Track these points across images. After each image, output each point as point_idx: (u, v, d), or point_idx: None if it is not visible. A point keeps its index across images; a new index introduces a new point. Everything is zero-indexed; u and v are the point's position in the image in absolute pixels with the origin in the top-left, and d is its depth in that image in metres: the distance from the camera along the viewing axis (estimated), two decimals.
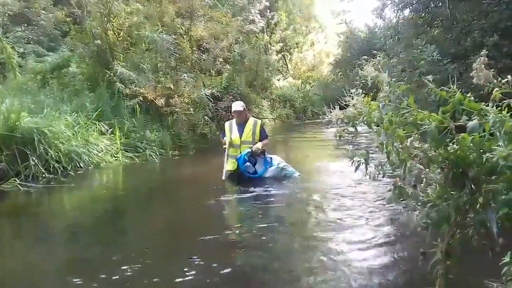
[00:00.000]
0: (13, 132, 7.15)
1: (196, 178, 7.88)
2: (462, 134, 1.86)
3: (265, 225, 4.72)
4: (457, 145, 1.91)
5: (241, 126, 7.07)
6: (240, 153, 6.85)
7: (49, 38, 14.29)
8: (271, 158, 7.11)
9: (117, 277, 3.31)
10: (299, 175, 7.08)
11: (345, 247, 3.87)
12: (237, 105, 7.18)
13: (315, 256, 3.69)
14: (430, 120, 1.92)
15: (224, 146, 7.15)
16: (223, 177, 6.93)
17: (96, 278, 3.31)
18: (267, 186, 6.53)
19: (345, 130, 2.11)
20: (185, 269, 3.40)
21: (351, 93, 2.16)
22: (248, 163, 6.84)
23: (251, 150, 6.84)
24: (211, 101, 12.94)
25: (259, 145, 6.89)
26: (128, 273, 3.35)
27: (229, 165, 7.04)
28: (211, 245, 4.06)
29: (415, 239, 3.64)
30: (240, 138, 6.99)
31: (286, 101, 24.06)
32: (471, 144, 1.85)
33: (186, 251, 3.93)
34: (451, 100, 1.92)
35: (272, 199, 6.18)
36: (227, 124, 7.34)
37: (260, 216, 5.13)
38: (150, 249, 4.07)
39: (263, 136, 7.10)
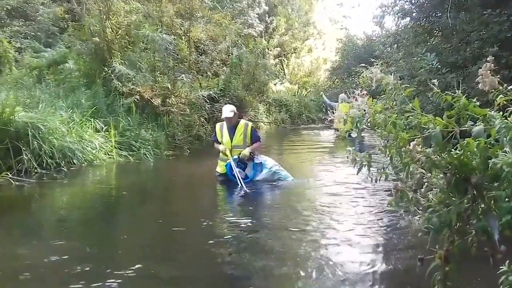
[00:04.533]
0: (7, 126, 7.07)
1: (189, 179, 7.84)
2: (467, 139, 1.84)
3: (258, 227, 4.69)
4: (460, 150, 1.89)
5: (232, 130, 6.85)
6: (232, 156, 6.72)
7: (47, 34, 14.22)
8: (262, 161, 6.91)
9: (108, 272, 3.27)
10: (292, 179, 6.90)
11: (342, 251, 3.86)
12: (227, 111, 6.83)
13: (310, 259, 3.66)
14: (435, 124, 1.90)
15: (217, 148, 7.04)
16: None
17: (86, 272, 3.27)
18: (260, 188, 6.49)
19: (348, 132, 2.09)
20: (176, 267, 3.37)
21: (354, 94, 2.14)
22: (237, 169, 6.65)
23: (238, 156, 6.71)
24: (207, 102, 12.92)
25: (246, 151, 6.70)
26: (119, 269, 3.30)
27: (219, 168, 6.99)
28: (202, 244, 4.02)
29: (413, 244, 3.62)
30: (231, 143, 6.82)
31: (282, 106, 24.03)
32: (476, 150, 1.84)
33: (177, 249, 3.90)
34: (456, 105, 1.90)
35: (265, 202, 6.17)
36: (218, 125, 7.16)
37: (252, 219, 5.08)
38: (141, 246, 4.04)
39: (254, 138, 6.89)
